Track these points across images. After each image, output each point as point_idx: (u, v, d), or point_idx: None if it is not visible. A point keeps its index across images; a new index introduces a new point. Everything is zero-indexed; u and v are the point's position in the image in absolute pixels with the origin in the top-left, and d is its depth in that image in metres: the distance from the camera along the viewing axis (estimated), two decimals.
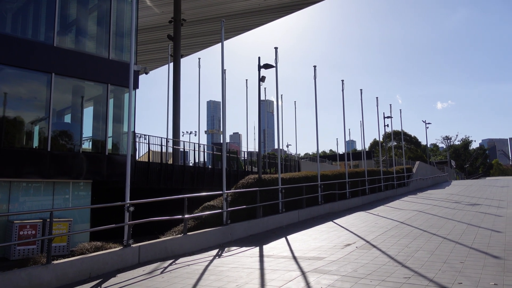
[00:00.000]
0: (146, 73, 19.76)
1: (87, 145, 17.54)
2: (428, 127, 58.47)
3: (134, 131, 18.92)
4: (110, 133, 17.53)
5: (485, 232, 11.35)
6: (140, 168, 19.84)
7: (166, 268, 8.81)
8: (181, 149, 24.59)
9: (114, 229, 9.87)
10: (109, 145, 17.51)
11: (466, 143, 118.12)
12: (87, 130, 17.58)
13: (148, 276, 8.10)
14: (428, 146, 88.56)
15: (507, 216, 14.46)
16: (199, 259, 9.68)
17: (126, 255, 9.27)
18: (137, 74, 17.75)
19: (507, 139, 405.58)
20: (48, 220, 8.49)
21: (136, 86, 17.58)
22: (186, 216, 11.11)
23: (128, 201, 9.95)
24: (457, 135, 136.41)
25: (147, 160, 20.64)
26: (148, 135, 21.13)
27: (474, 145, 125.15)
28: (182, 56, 30.33)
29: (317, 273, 7.42)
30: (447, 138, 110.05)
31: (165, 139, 22.70)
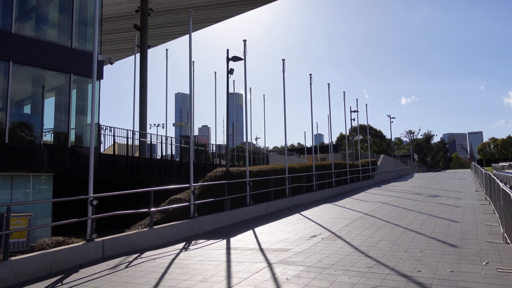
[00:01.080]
0: (111, 63, 19.20)
1: (49, 137, 16.91)
2: (392, 122, 60.22)
3: (98, 123, 18.39)
4: (73, 124, 16.95)
5: (443, 222, 11.85)
6: (105, 161, 19.34)
7: (131, 262, 8.66)
8: (148, 142, 24.13)
9: (78, 223, 9.58)
10: (72, 137, 16.94)
11: (428, 137, 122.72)
12: (49, 121, 16.93)
13: (112, 270, 7.93)
14: (393, 140, 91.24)
15: (464, 207, 15.15)
16: (165, 253, 9.57)
17: (89, 250, 9.04)
18: (101, 64, 17.22)
19: (466, 133, 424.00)
20: (5, 215, 8.12)
21: (100, 76, 17.06)
22: (152, 209, 10.94)
23: (91, 194, 9.67)
24: (419, 130, 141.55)
25: (112, 153, 20.13)
26: (114, 127, 20.62)
27: (436, 139, 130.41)
28: (149, 47, 29.69)
29: (283, 264, 7.51)
30: (410, 132, 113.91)
31: (131, 132, 22.23)
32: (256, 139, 60.10)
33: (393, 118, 58.67)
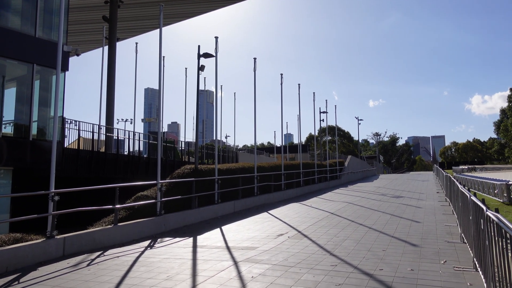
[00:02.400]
0: (78, 55, 18.59)
1: (9, 130, 16.18)
2: (360, 124, 61.65)
3: (62, 116, 17.77)
4: (35, 117, 16.30)
5: (406, 222, 12.22)
6: (69, 156, 18.73)
7: (93, 260, 8.42)
8: (114, 137, 23.55)
9: (39, 220, 9.23)
10: (34, 130, 16.30)
11: (394, 139, 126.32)
12: (9, 113, 16.21)
13: (73, 268, 7.68)
14: (360, 141, 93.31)
15: (426, 208, 15.69)
16: (129, 250, 9.37)
17: (49, 247, 8.71)
18: (67, 55, 16.64)
19: (429, 137, 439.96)
20: None
21: (65, 68, 16.49)
22: (117, 206, 10.69)
23: (53, 189, 9.33)
24: (386, 132, 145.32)
25: (77, 148, 19.51)
26: (79, 121, 20.01)
27: (401, 142, 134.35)
28: (118, 40, 28.97)
29: (249, 263, 7.51)
30: (377, 135, 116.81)
31: (97, 126, 21.62)
32: (226, 137, 59.96)
33: (361, 120, 60.08)
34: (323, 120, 36.78)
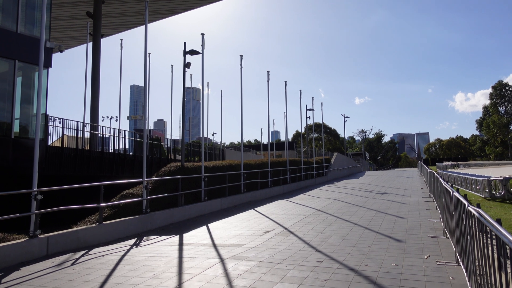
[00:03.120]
0: (61, 51, 18.26)
1: None
2: (346, 121, 62.09)
3: (46, 114, 17.46)
4: (17, 114, 16.00)
5: (390, 218, 12.38)
6: (53, 154, 18.42)
7: (77, 259, 8.31)
8: (99, 135, 23.21)
9: (21, 219, 9.05)
10: (16, 128, 16.00)
11: (379, 136, 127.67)
12: None
13: (57, 268, 7.57)
14: (346, 138, 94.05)
15: (410, 204, 15.91)
16: (115, 249, 9.28)
17: (32, 247, 8.57)
18: (50, 51, 16.34)
19: (414, 134, 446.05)
20: None
21: (48, 64, 16.20)
22: (102, 204, 10.56)
23: (35, 188, 9.17)
24: (371, 129, 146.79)
25: (60, 145, 19.21)
26: (63, 119, 19.68)
27: (386, 139, 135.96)
28: (102, 36, 28.54)
29: (235, 260, 7.52)
30: (362, 132, 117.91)
31: (81, 124, 21.31)
32: (213, 135, 59.77)
33: (347, 117, 60.53)
34: (309, 117, 36.94)
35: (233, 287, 5.83)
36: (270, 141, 37.40)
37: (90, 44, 27.02)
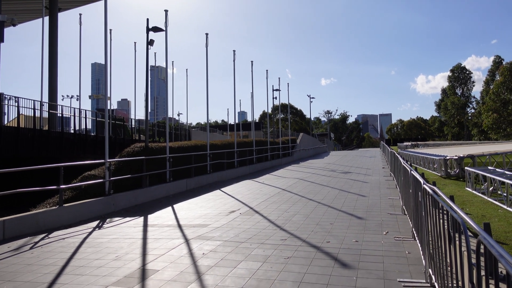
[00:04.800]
0: (14, 25, 17.21)
1: None
2: (312, 101, 62.73)
3: None
4: None
5: (353, 196, 12.77)
6: (8, 134, 17.57)
7: (36, 243, 8.06)
8: (59, 114, 22.29)
9: None
10: None
11: (344, 117, 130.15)
12: None
13: (15, 252, 7.32)
14: (312, 119, 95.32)
15: (372, 183, 16.45)
16: (76, 232, 9.07)
17: None
18: (1, 24, 15.35)
19: (377, 115, 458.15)
20: None
21: (0, 39, 15.24)
22: (62, 186, 10.23)
23: None
24: (337, 110, 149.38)
25: (16, 125, 18.33)
26: (19, 97, 18.71)
27: (351, 120, 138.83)
28: (60, 10, 27.11)
29: (200, 240, 7.54)
30: (328, 112, 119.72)
31: (39, 102, 20.36)
32: (178, 115, 58.88)
33: (313, 98, 61.10)
34: (276, 98, 37.04)
35: (197, 267, 5.86)
36: (237, 121, 37.32)
37: (47, 19, 25.60)
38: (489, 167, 16.73)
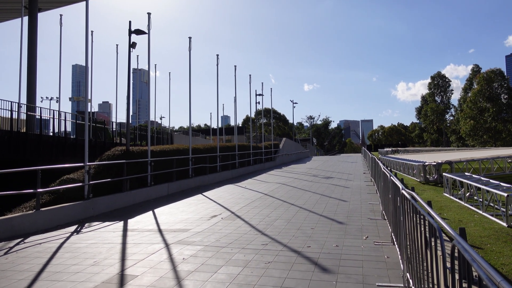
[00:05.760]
0: None
1: None
2: (295, 107, 63.13)
3: None
4: None
5: (334, 201, 12.87)
6: None
7: (11, 248, 7.85)
8: (37, 116, 21.82)
9: None
10: None
11: (327, 123, 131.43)
12: None
13: None
14: (295, 124, 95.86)
15: (353, 188, 16.62)
16: (53, 237, 8.87)
17: None
18: None
19: (359, 121, 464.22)
20: None
21: None
22: (39, 190, 9.99)
23: None
24: (319, 115, 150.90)
25: None
26: None
27: (333, 125, 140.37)
28: (40, 10, 26.62)
29: (181, 245, 7.47)
30: (311, 118, 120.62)
31: (16, 104, 19.91)
32: (161, 118, 58.15)
33: (296, 103, 61.55)
34: (259, 103, 37.18)
35: (177, 272, 5.81)
36: (220, 125, 37.21)
37: (26, 19, 25.10)
38: (466, 173, 17.12)
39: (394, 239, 6.66)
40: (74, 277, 5.76)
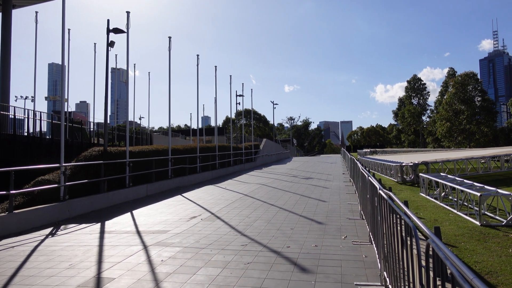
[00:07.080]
0: None
1: None
2: (275, 108, 63.47)
3: None
4: None
5: (313, 202, 12.97)
6: None
7: None
8: (11, 116, 21.20)
9: None
10: None
11: (307, 124, 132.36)
12: None
13: None
14: (275, 125, 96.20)
15: (332, 188, 16.78)
16: (27, 239, 8.63)
17: None
18: None
19: (339, 122, 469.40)
20: None
21: None
22: (12, 191, 9.71)
23: None
24: (299, 116, 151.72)
25: None
26: None
27: (313, 126, 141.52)
28: (14, 7, 25.89)
29: (159, 246, 7.38)
30: (291, 119, 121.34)
31: None
32: (140, 119, 57.55)
33: (276, 104, 61.88)
34: (239, 103, 37.14)
35: (155, 274, 5.73)
36: (200, 126, 37.00)
37: (0, 15, 24.37)
38: (442, 174, 17.53)
39: (372, 239, 6.75)
40: (48, 281, 5.61)
